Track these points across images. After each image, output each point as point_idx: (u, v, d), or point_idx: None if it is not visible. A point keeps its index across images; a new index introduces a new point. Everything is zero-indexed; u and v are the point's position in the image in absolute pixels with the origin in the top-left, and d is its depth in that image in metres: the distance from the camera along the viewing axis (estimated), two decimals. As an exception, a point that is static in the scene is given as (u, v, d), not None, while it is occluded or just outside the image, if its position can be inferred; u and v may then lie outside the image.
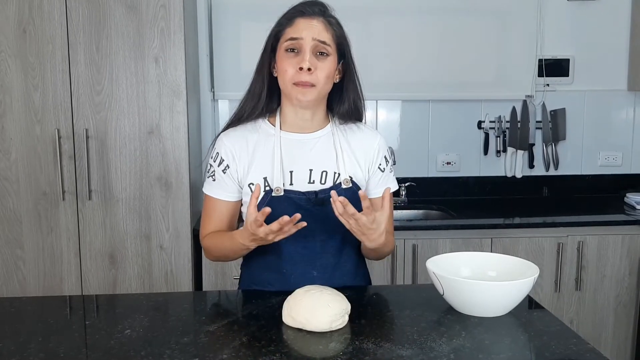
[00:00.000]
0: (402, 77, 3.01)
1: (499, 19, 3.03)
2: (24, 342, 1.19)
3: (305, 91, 1.40)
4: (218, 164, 1.49)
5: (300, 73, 1.38)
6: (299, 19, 1.41)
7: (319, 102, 1.47)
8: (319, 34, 1.40)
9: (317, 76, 1.40)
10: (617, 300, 2.66)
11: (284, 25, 1.42)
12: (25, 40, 2.32)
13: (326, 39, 1.40)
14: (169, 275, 2.48)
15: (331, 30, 1.42)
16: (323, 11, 1.43)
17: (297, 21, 1.41)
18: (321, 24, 1.41)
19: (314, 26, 1.40)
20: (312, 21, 1.41)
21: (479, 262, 1.43)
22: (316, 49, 1.40)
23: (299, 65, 1.38)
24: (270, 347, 1.15)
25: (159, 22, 2.35)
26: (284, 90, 1.45)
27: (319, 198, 1.44)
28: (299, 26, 1.40)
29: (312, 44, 1.39)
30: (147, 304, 1.44)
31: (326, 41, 1.40)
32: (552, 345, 1.16)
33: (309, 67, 1.38)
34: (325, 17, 1.43)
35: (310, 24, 1.40)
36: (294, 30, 1.40)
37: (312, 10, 1.42)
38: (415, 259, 2.56)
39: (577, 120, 3.14)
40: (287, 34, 1.41)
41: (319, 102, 1.47)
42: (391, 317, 1.33)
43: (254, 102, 1.47)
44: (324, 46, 1.40)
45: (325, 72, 1.41)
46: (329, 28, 1.42)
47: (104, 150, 2.40)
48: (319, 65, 1.40)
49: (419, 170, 3.10)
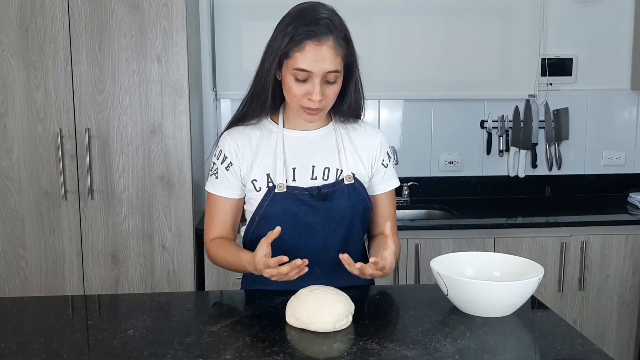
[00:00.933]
0: (404, 77, 3.00)
1: (502, 18, 3.02)
2: (26, 342, 1.18)
3: (313, 117, 1.42)
4: (221, 162, 1.49)
5: (308, 100, 1.38)
6: (309, 43, 1.33)
7: None
8: (330, 64, 1.35)
9: (327, 101, 1.40)
10: (621, 300, 2.65)
11: (293, 48, 1.34)
12: (28, 39, 2.32)
13: (337, 66, 1.36)
14: (171, 274, 2.48)
15: (341, 52, 1.37)
16: (332, 29, 1.35)
17: (307, 47, 1.33)
18: (331, 50, 1.34)
19: (324, 56, 1.34)
20: (322, 48, 1.33)
21: (483, 262, 1.42)
22: (326, 78, 1.37)
23: (308, 95, 1.37)
24: (274, 347, 1.15)
25: (162, 21, 2.34)
26: (291, 106, 1.45)
27: (322, 193, 1.44)
28: (309, 54, 1.33)
29: (322, 74, 1.36)
30: (150, 304, 1.43)
31: (337, 69, 1.37)
32: (558, 345, 1.16)
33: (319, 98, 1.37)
34: (335, 35, 1.35)
35: (321, 53, 1.33)
36: (304, 60, 1.34)
37: (320, 31, 1.34)
38: (418, 259, 2.55)
39: (580, 119, 3.13)
40: (295, 60, 1.35)
41: None
42: (395, 317, 1.33)
43: (259, 108, 1.46)
44: (334, 75, 1.37)
45: (334, 94, 1.41)
46: (338, 51, 1.36)
47: (106, 149, 2.40)
48: (328, 92, 1.39)
49: (422, 170, 3.09)
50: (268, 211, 1.45)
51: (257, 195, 1.46)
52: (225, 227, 1.52)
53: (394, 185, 1.58)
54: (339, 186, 1.46)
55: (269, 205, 1.44)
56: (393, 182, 1.58)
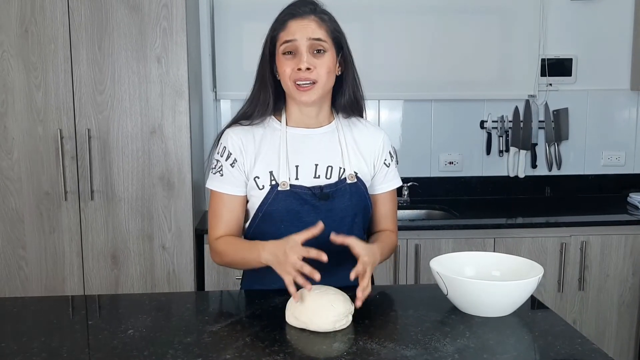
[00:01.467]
0: (404, 77, 3.00)
1: (502, 18, 3.02)
2: (27, 341, 1.19)
3: (308, 92, 1.41)
4: (226, 158, 1.48)
5: (299, 72, 1.39)
6: (291, 21, 1.41)
7: (323, 99, 1.48)
8: (313, 32, 1.40)
9: (318, 72, 1.40)
10: (621, 300, 2.66)
11: (278, 30, 1.43)
12: (28, 40, 2.32)
13: (321, 35, 1.41)
14: (171, 275, 2.48)
15: (325, 25, 1.42)
16: (314, 9, 1.43)
17: (290, 24, 1.41)
18: (313, 22, 1.41)
19: (306, 26, 1.40)
20: (304, 21, 1.41)
21: (482, 261, 1.42)
22: (312, 48, 1.40)
23: (297, 66, 1.39)
24: (273, 347, 1.15)
25: (162, 21, 2.35)
26: (288, 92, 1.46)
27: (324, 193, 1.45)
28: (292, 28, 1.40)
29: (308, 43, 1.39)
30: (150, 304, 1.44)
31: (321, 37, 1.41)
32: (557, 345, 1.16)
33: (307, 67, 1.38)
34: (317, 14, 1.43)
35: (303, 24, 1.40)
36: (287, 33, 1.41)
37: (302, 11, 1.42)
38: (417, 259, 2.56)
39: (580, 119, 3.14)
40: (281, 38, 1.41)
41: (323, 98, 1.48)
42: (395, 317, 1.33)
43: (263, 108, 1.47)
44: (320, 43, 1.40)
45: (325, 68, 1.41)
46: (322, 24, 1.42)
47: (106, 150, 2.40)
48: (318, 63, 1.40)
49: (422, 170, 3.09)
50: (271, 209, 1.45)
51: (260, 193, 1.46)
52: (231, 225, 1.50)
53: (395, 185, 1.58)
54: (341, 185, 1.47)
55: (271, 203, 1.44)
56: (395, 181, 1.58)
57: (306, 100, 1.42)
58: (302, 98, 1.42)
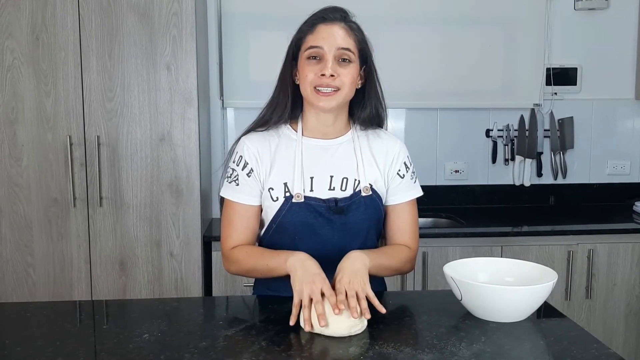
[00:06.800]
0: (410, 86, 3.01)
1: (507, 28, 3.04)
2: (42, 346, 1.19)
3: (328, 98, 1.39)
4: (242, 168, 1.46)
5: (322, 78, 1.38)
6: (320, 25, 1.40)
7: (341, 108, 1.47)
8: (342, 41, 1.39)
9: (342, 80, 1.39)
10: (628, 308, 2.65)
11: (305, 32, 1.41)
12: (38, 48, 2.33)
13: (349, 45, 1.40)
14: (179, 282, 2.48)
15: (353, 35, 1.41)
16: (344, 17, 1.43)
17: (319, 28, 1.40)
18: (343, 30, 1.40)
19: (335, 33, 1.39)
20: (334, 27, 1.40)
21: (495, 267, 1.43)
22: (339, 56, 1.39)
23: (321, 72, 1.38)
24: (290, 351, 1.15)
25: (171, 29, 2.36)
26: (306, 97, 1.43)
27: (339, 207, 1.43)
28: (320, 34, 1.39)
29: (335, 52, 1.38)
30: (163, 309, 1.44)
31: (349, 48, 1.39)
32: (574, 350, 1.16)
33: (331, 74, 1.37)
34: (347, 22, 1.42)
35: (332, 31, 1.39)
36: (315, 38, 1.39)
37: (333, 17, 1.41)
38: (425, 267, 2.56)
39: (585, 128, 3.15)
40: (308, 42, 1.40)
41: (341, 107, 1.46)
42: (409, 322, 1.33)
43: (280, 111, 1.46)
44: (347, 52, 1.39)
45: (350, 77, 1.40)
46: (350, 34, 1.41)
47: (115, 157, 2.41)
48: (342, 72, 1.39)
49: (427, 179, 3.09)
50: (285, 221, 1.43)
51: (274, 204, 1.44)
52: (246, 235, 1.48)
53: (409, 197, 1.54)
54: (355, 198, 1.45)
55: (285, 215, 1.43)
56: (409, 192, 1.54)
57: (324, 106, 1.40)
58: (321, 103, 1.40)
